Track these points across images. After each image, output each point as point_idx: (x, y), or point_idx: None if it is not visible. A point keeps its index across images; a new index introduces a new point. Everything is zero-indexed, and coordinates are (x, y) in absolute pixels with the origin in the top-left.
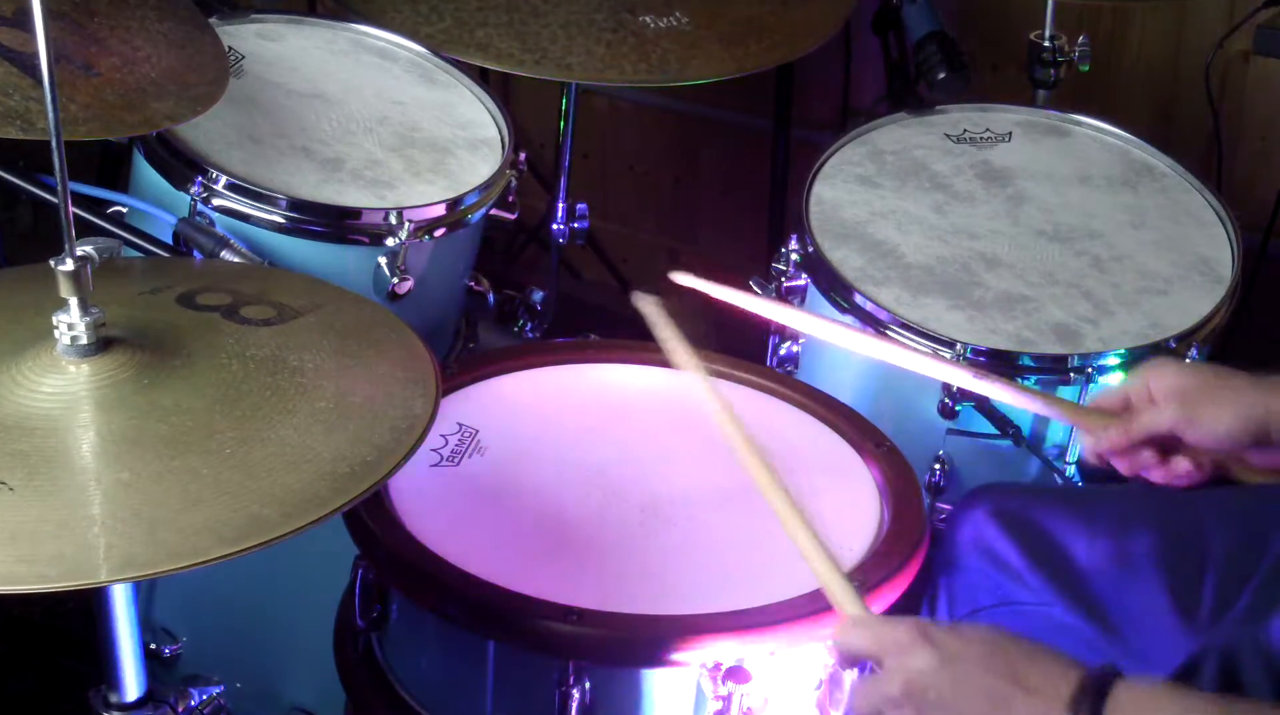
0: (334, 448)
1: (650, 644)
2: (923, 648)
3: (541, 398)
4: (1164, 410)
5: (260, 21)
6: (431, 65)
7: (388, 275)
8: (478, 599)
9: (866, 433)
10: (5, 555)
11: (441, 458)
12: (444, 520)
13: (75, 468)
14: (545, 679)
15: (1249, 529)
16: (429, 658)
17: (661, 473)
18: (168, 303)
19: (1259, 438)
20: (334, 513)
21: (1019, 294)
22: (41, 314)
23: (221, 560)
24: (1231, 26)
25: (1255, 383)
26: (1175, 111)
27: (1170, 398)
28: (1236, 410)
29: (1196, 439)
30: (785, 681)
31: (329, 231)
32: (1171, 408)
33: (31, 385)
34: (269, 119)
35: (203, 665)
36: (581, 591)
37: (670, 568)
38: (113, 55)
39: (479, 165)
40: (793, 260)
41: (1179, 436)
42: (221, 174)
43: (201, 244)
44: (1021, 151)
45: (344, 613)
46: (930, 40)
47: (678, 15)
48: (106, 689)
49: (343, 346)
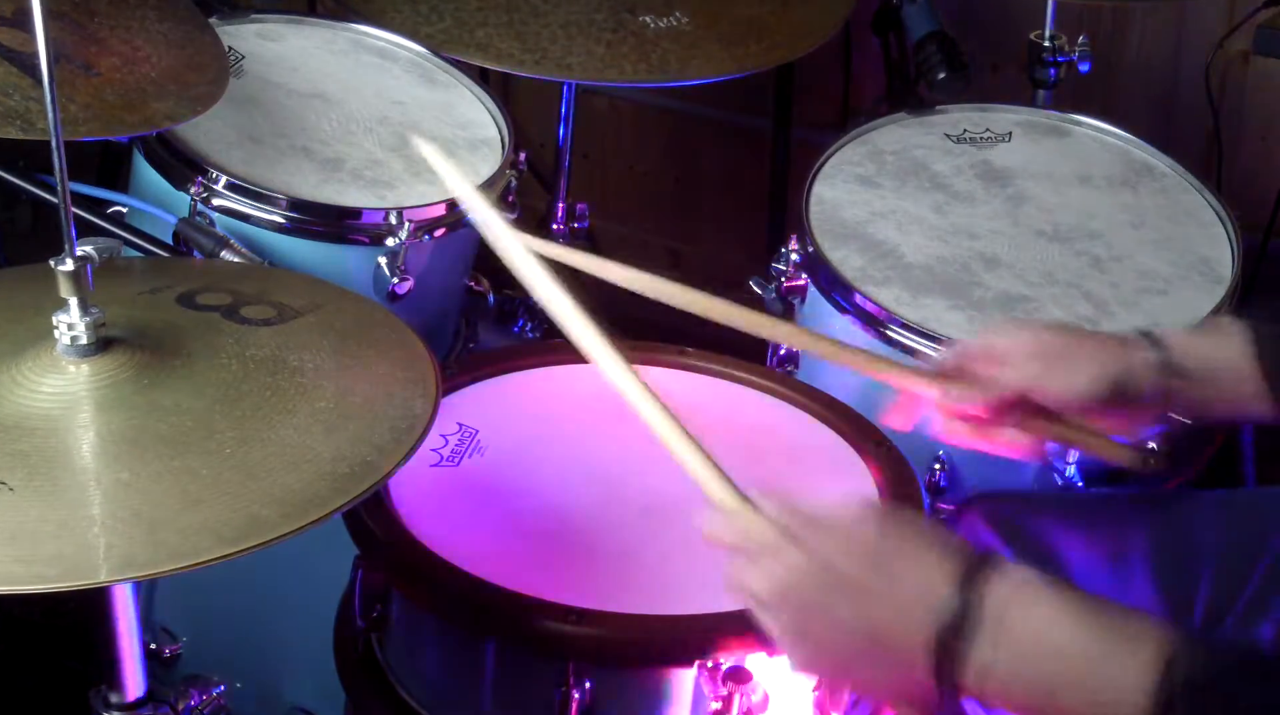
0: (334, 448)
1: (650, 644)
2: (789, 548)
3: (541, 398)
4: (1020, 366)
5: (260, 21)
6: (431, 65)
7: (388, 275)
8: (478, 599)
9: (866, 432)
10: (5, 555)
11: (441, 458)
12: (444, 520)
13: (75, 468)
14: (545, 679)
15: (1244, 534)
16: (429, 658)
17: (661, 473)
18: (168, 303)
19: (1116, 395)
20: (334, 513)
21: (1019, 294)
22: (41, 314)
23: (221, 560)
24: (1231, 26)
25: (1114, 338)
26: (1175, 111)
27: (1026, 354)
28: (1096, 365)
29: (1052, 396)
30: (785, 681)
31: (329, 231)
32: (1028, 364)
33: (31, 385)
34: (269, 119)
35: (203, 665)
36: (581, 591)
37: (670, 568)
38: (113, 55)
39: (479, 165)
40: (793, 260)
41: (1031, 396)
42: (221, 174)
43: (201, 244)
44: (1021, 151)
45: (344, 613)
46: (930, 40)
47: (678, 15)
48: (106, 689)
49: (343, 346)
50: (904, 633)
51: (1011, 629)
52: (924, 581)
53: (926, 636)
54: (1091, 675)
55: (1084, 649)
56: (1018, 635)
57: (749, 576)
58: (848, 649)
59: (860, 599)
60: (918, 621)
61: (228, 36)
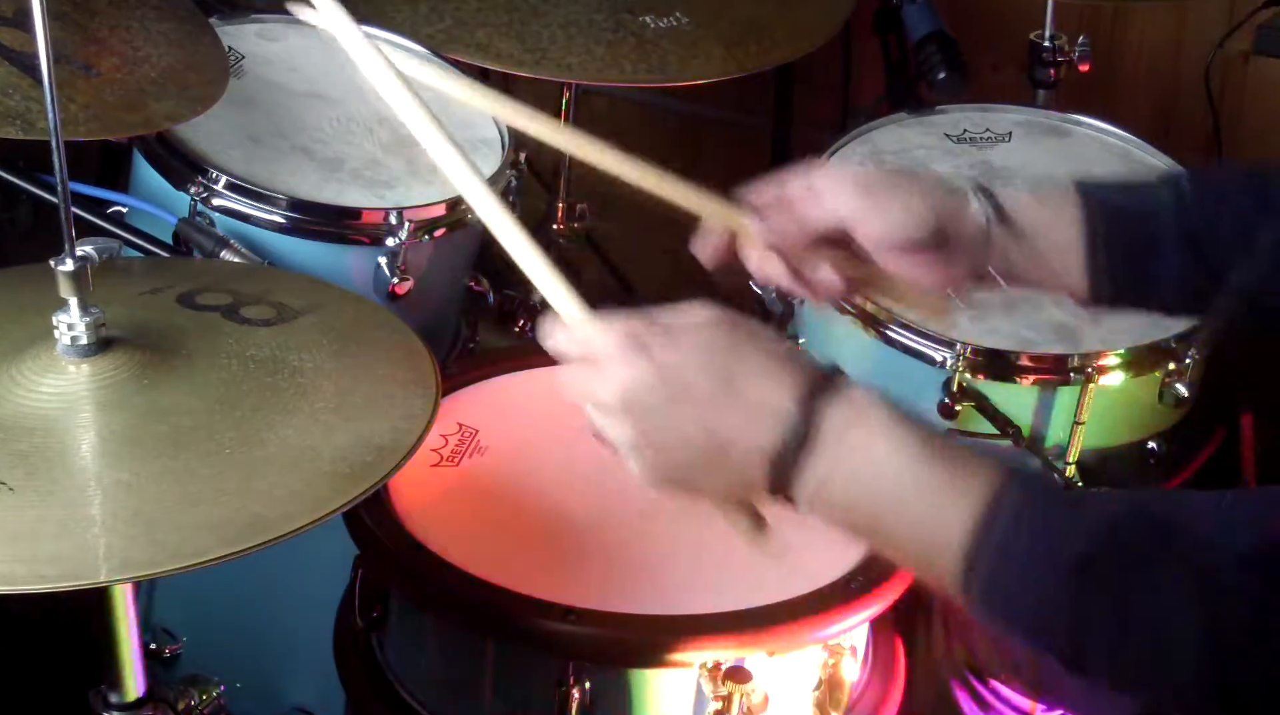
0: (334, 448)
1: (650, 644)
2: (636, 358)
3: (541, 398)
4: (840, 200)
5: (260, 21)
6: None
7: (388, 275)
8: (478, 599)
9: None
10: (5, 555)
11: (441, 458)
12: (444, 520)
13: (75, 468)
14: (545, 679)
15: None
16: (429, 658)
17: None
18: (168, 303)
19: (937, 240)
20: (334, 513)
21: (1019, 294)
22: (41, 314)
23: (221, 560)
24: (1231, 26)
25: (942, 182)
26: (1175, 111)
27: (847, 188)
28: (919, 204)
29: (872, 236)
30: (785, 681)
31: (329, 231)
32: (849, 196)
33: (31, 385)
34: (269, 119)
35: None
36: (581, 591)
37: (670, 568)
38: (113, 55)
39: (479, 165)
40: None
41: (849, 235)
42: (221, 174)
43: (201, 244)
44: (1021, 152)
45: (344, 613)
46: (930, 40)
47: (678, 15)
48: (106, 689)
49: (343, 346)
50: (745, 444)
51: (849, 450)
52: (768, 395)
53: (766, 449)
54: (918, 508)
55: (915, 480)
56: (854, 456)
57: (591, 384)
58: (689, 458)
59: (704, 409)
60: (759, 434)
61: (228, 36)
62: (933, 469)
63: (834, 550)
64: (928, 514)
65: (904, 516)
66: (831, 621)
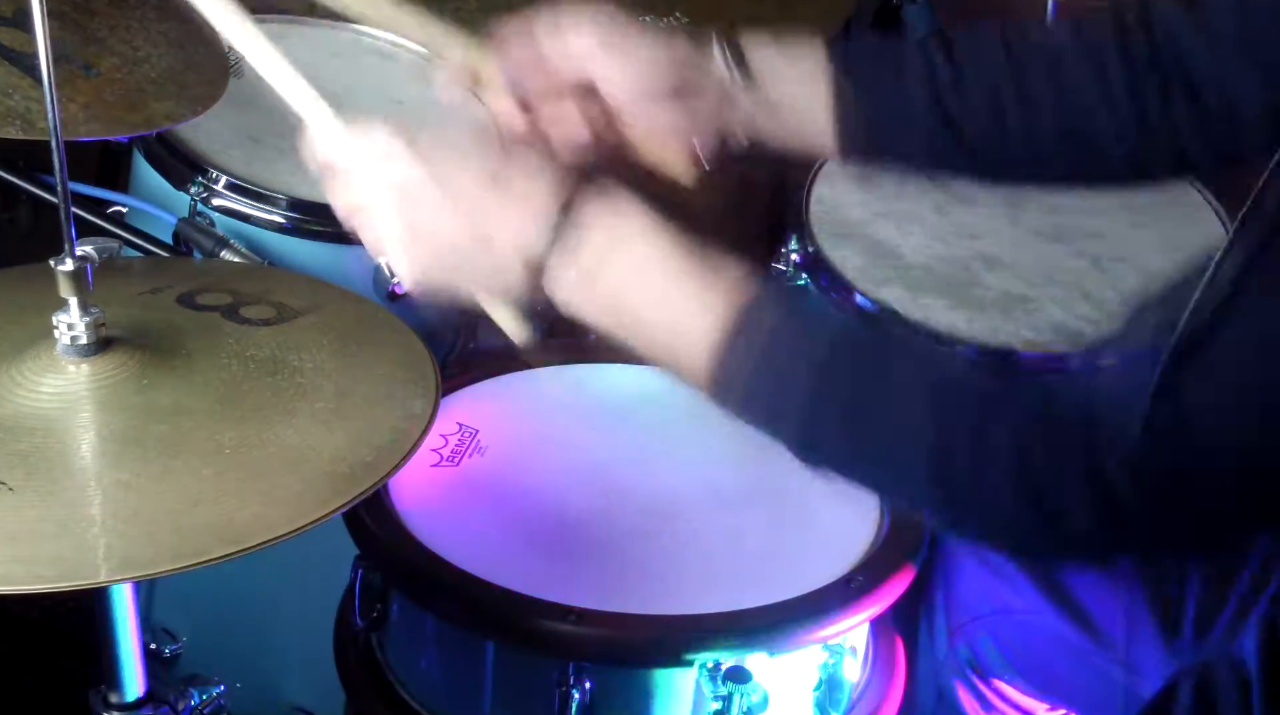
0: (334, 448)
1: (650, 644)
2: (403, 156)
3: (541, 398)
4: (583, 41)
5: (260, 22)
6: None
7: (388, 275)
8: (478, 599)
9: None
10: (5, 555)
11: (441, 458)
12: (444, 520)
13: (75, 468)
14: (545, 679)
15: None
16: (429, 658)
17: (661, 473)
18: (168, 303)
19: (678, 91)
20: (334, 513)
21: (1019, 294)
22: (41, 314)
23: (222, 560)
24: None
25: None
26: None
27: (587, 34)
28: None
29: (615, 84)
30: (785, 681)
31: (329, 231)
32: (588, 44)
33: (31, 385)
34: (269, 119)
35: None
36: (582, 591)
37: (670, 568)
38: (113, 55)
39: None
40: (793, 260)
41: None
42: (221, 174)
43: (201, 244)
44: None
45: (344, 613)
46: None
47: (678, 15)
48: (106, 689)
49: (343, 346)
50: (510, 239)
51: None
52: (532, 192)
53: (530, 243)
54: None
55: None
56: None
57: (359, 184)
58: (455, 252)
59: (470, 203)
60: (523, 229)
61: None
62: (689, 268)
63: (834, 550)
64: (684, 309)
65: (661, 311)
66: (831, 621)
